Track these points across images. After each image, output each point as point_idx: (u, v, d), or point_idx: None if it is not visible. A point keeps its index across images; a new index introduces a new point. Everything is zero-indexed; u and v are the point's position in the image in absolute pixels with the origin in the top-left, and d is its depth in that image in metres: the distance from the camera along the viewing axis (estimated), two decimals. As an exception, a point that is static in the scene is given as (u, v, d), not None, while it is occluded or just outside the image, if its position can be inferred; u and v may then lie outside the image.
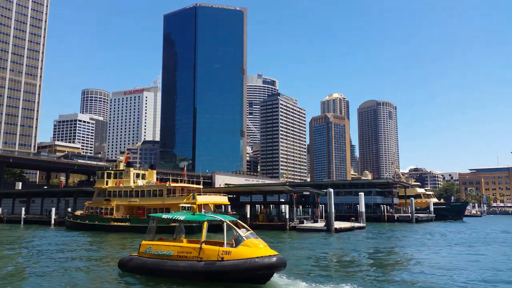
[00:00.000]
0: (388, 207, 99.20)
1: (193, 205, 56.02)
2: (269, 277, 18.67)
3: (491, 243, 44.38)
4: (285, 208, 63.87)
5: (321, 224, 64.41)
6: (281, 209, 66.84)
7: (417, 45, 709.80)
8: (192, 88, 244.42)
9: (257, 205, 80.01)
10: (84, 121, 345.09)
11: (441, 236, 53.77)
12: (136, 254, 21.61)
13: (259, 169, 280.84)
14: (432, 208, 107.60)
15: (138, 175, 70.14)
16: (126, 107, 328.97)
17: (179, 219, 21.29)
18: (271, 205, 77.26)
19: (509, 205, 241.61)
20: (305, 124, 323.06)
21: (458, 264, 27.89)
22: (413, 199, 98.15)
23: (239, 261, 18.10)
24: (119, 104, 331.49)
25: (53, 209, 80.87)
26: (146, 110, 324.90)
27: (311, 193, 77.32)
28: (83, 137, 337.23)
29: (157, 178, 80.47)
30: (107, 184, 67.88)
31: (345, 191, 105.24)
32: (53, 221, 77.54)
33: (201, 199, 58.76)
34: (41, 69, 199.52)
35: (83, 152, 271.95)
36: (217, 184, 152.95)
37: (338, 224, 61.32)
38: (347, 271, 24.87)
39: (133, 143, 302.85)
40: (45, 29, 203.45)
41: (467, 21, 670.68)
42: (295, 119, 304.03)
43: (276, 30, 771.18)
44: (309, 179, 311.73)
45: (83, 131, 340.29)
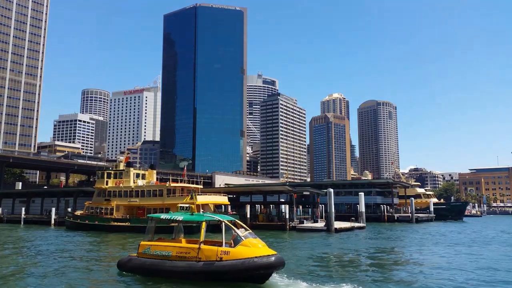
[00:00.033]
0: (388, 207, 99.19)
1: (191, 205, 56.01)
2: (268, 276, 18.70)
3: (491, 243, 44.37)
4: (285, 208, 63.86)
5: (321, 224, 64.41)
6: (281, 209, 66.84)
7: (417, 45, 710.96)
8: (192, 88, 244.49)
9: (257, 205, 80.00)
10: (84, 121, 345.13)
11: (441, 236, 53.76)
12: (135, 255, 21.61)
13: (259, 169, 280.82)
14: (432, 208, 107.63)
15: (138, 175, 70.16)
16: (126, 107, 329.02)
17: (177, 219, 21.28)
18: (271, 205, 77.27)
19: (509, 205, 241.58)
20: (305, 124, 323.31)
21: (458, 264, 27.87)
22: (413, 199, 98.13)
23: (237, 261, 18.13)
24: (119, 104, 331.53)
25: (53, 209, 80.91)
26: (146, 110, 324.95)
27: (311, 193, 77.31)
28: (83, 137, 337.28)
29: (157, 178, 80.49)
30: (107, 184, 67.90)
31: (345, 191, 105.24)
32: (53, 221, 77.57)
33: (201, 199, 58.74)
34: (41, 69, 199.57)
35: (83, 152, 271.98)
36: (217, 184, 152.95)
37: (338, 224, 61.33)
38: (347, 271, 24.86)
39: (133, 143, 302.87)
40: (45, 29, 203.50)
41: (467, 21, 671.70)
42: (295, 119, 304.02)
43: (276, 30, 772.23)
44: (309, 179, 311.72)
45: (83, 131, 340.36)
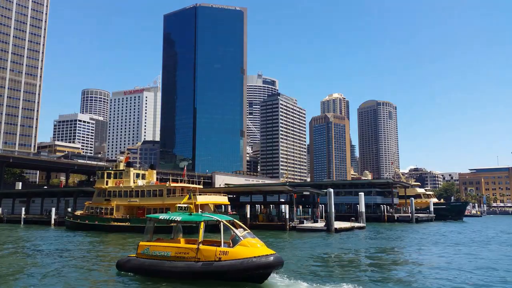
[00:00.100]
0: (388, 207, 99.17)
1: (190, 205, 55.88)
2: (267, 276, 18.72)
3: (491, 243, 44.37)
4: (285, 208, 63.86)
5: (321, 224, 64.40)
6: (281, 209, 66.84)
7: (417, 45, 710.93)
8: (192, 88, 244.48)
9: (257, 205, 80.00)
10: (84, 121, 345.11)
11: (440, 236, 53.75)
12: (134, 255, 21.62)
13: (259, 169, 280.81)
14: (432, 208, 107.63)
15: (138, 175, 70.16)
16: (126, 107, 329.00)
17: (176, 219, 21.28)
18: (271, 205, 77.26)
19: (509, 205, 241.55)
20: (305, 124, 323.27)
21: (457, 264, 27.86)
22: (413, 199, 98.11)
23: (236, 261, 18.15)
24: (119, 104, 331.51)
25: (53, 209, 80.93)
26: (146, 110, 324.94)
27: (311, 193, 77.30)
28: (83, 137, 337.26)
29: (157, 178, 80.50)
30: (107, 184, 67.90)
31: (345, 191, 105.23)
32: (53, 221, 77.60)
33: (201, 199, 58.67)
34: (41, 69, 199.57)
35: (83, 152, 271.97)
36: (217, 184, 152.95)
37: (338, 224, 61.32)
38: (347, 271, 24.86)
39: (133, 143, 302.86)
40: (45, 29, 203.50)
41: (467, 21, 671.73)
42: (295, 119, 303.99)
43: (276, 30, 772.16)
44: (309, 179, 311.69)
45: (83, 131, 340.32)
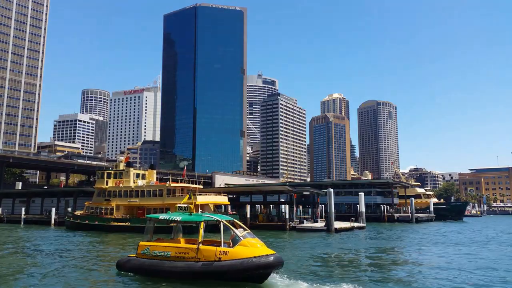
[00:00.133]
0: (388, 207, 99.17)
1: (190, 205, 55.84)
2: (267, 276, 18.73)
3: (491, 243, 44.37)
4: (285, 208, 63.84)
5: (321, 224, 64.39)
6: (281, 209, 66.83)
7: (417, 45, 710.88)
8: (192, 88, 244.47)
9: (257, 205, 79.99)
10: (84, 121, 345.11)
11: (440, 236, 53.75)
12: (134, 255, 21.63)
13: (259, 169, 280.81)
14: (432, 208, 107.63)
15: (138, 175, 70.15)
16: (126, 107, 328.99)
17: (176, 219, 21.28)
18: (271, 205, 77.24)
19: (509, 205, 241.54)
20: (305, 124, 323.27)
21: (457, 264, 27.85)
22: (413, 199, 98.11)
23: (236, 261, 18.16)
24: (119, 104, 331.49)
25: (53, 209, 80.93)
26: (146, 110, 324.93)
27: (311, 193, 77.29)
28: (83, 137, 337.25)
29: (157, 178, 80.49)
30: (107, 184, 67.89)
31: (345, 191, 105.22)
32: (53, 221, 77.59)
33: (201, 199, 58.65)
34: (41, 69, 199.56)
35: (83, 152, 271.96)
36: (217, 184, 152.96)
37: (338, 224, 61.31)
38: (347, 271, 24.86)
39: (133, 143, 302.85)
40: (45, 29, 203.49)
41: (467, 21, 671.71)
42: (295, 119, 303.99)
43: (276, 30, 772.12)
44: (309, 179, 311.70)
45: (83, 131, 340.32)
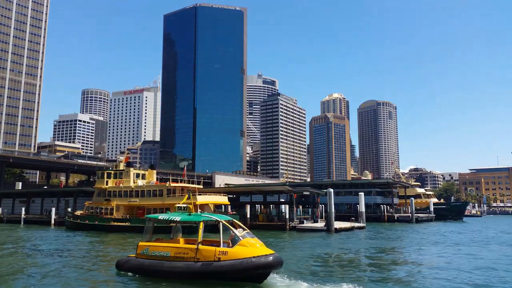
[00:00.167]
0: (388, 207, 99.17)
1: (189, 205, 55.77)
2: (266, 276, 18.78)
3: (490, 243, 44.36)
4: (285, 208, 63.83)
5: (321, 224, 64.39)
6: (281, 209, 66.81)
7: (417, 45, 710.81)
8: (192, 88, 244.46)
9: (257, 205, 79.97)
10: (84, 121, 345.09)
11: (440, 236, 53.74)
12: (134, 255, 21.65)
13: (259, 169, 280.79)
14: (432, 208, 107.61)
15: (138, 175, 70.14)
16: (126, 107, 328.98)
17: (175, 220, 21.29)
18: (271, 205, 77.23)
19: (509, 205, 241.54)
20: (305, 124, 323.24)
21: (457, 264, 27.85)
22: (413, 199, 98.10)
23: (236, 261, 18.19)
24: (119, 104, 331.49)
25: (53, 209, 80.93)
26: (146, 110, 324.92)
27: (311, 193, 77.28)
28: (83, 137, 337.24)
29: (157, 178, 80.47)
30: (107, 184, 67.89)
31: (345, 191, 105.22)
32: (53, 221, 77.60)
33: (201, 199, 58.63)
34: (41, 69, 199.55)
35: (83, 152, 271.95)
36: (217, 184, 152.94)
37: (338, 224, 61.33)
38: (347, 271, 24.86)
39: (133, 143, 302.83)
40: (45, 29, 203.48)
41: (467, 21, 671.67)
42: (295, 119, 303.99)
43: (276, 30, 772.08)
44: (309, 179, 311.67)
45: (83, 131, 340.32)
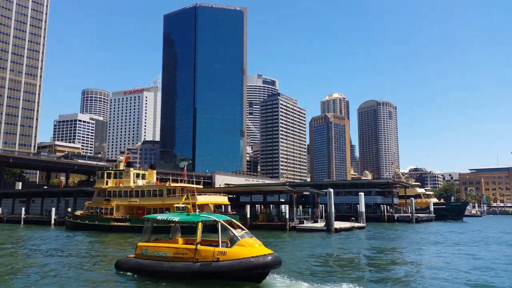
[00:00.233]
0: (388, 207, 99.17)
1: (187, 205, 55.75)
2: (265, 276, 18.83)
3: (490, 243, 44.36)
4: (285, 208, 63.81)
5: (321, 224, 64.38)
6: (281, 209, 66.80)
7: (417, 45, 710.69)
8: (192, 88, 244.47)
9: (257, 205, 79.93)
10: (84, 121, 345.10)
11: (440, 236, 53.74)
12: (133, 256, 21.67)
13: (259, 169, 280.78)
14: (432, 208, 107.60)
15: (138, 175, 70.13)
16: (126, 107, 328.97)
17: (173, 220, 21.30)
18: (271, 205, 77.21)
19: (509, 205, 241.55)
20: (305, 124, 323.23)
21: (456, 264, 27.84)
22: (413, 199, 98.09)
23: (234, 261, 18.22)
24: (119, 104, 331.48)
25: (53, 209, 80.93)
26: (146, 110, 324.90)
27: (311, 193, 77.28)
28: (83, 137, 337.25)
29: (157, 178, 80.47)
30: (107, 184, 67.87)
31: (345, 191, 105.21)
32: (53, 221, 77.60)
33: (201, 199, 58.64)
34: (41, 69, 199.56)
35: (83, 152, 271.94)
36: (217, 184, 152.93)
37: (338, 224, 61.32)
38: (347, 271, 24.86)
39: (133, 143, 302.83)
40: (45, 29, 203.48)
41: (467, 21, 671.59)
42: (295, 119, 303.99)
43: (276, 30, 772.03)
44: (309, 179, 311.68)
45: (83, 131, 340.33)
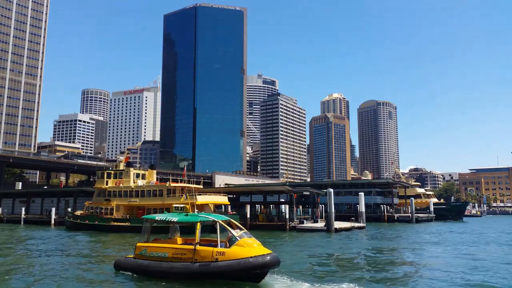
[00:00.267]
0: (388, 207, 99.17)
1: (186, 205, 55.85)
2: (264, 275, 18.84)
3: (490, 243, 44.36)
4: (285, 208, 63.78)
5: (321, 224, 64.38)
6: (281, 209, 66.77)
7: (417, 45, 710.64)
8: (192, 88, 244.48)
9: (257, 205, 79.91)
10: (84, 121, 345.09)
11: (440, 236, 53.73)
12: (132, 256, 21.68)
13: (259, 169, 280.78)
14: (432, 208, 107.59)
15: (138, 175, 70.11)
16: (126, 107, 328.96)
17: (172, 220, 21.32)
18: (271, 205, 77.18)
19: (509, 205, 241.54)
20: (305, 124, 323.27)
21: (456, 264, 27.83)
22: (413, 199, 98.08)
23: (233, 262, 18.21)
24: (119, 104, 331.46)
25: (53, 209, 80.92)
26: (146, 110, 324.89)
27: (311, 193, 77.27)
28: (83, 137, 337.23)
29: (157, 178, 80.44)
30: (107, 184, 67.86)
31: (345, 191, 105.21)
32: (53, 221, 77.59)
33: (201, 199, 58.60)
34: (41, 69, 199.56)
35: (83, 152, 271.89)
36: (217, 184, 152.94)
37: (338, 224, 61.31)
38: (347, 271, 24.85)
39: (133, 143, 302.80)
40: (45, 29, 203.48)
41: (467, 21, 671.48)
42: (295, 119, 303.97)
43: (276, 30, 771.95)
44: (309, 179, 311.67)
45: (83, 131, 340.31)
